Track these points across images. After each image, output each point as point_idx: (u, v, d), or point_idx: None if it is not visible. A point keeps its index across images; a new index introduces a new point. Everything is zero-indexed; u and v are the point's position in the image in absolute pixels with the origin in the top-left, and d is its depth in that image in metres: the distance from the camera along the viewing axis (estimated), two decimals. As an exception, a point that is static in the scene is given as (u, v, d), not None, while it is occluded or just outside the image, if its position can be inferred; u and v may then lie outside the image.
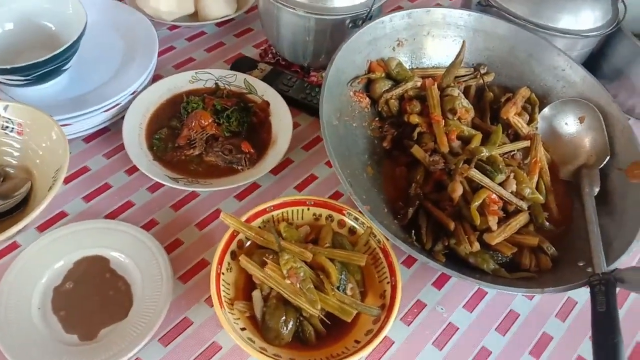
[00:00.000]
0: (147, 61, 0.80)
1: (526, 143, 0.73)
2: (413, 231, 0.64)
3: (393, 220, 0.66)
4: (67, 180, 0.73)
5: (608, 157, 0.73)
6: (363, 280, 0.61)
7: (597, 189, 0.70)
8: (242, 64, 0.88)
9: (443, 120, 0.72)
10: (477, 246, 0.63)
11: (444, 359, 0.61)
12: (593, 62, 0.89)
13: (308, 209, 0.65)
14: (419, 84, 0.76)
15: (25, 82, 0.73)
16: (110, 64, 0.81)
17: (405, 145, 0.74)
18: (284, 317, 0.56)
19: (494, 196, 0.66)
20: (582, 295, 0.68)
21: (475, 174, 0.66)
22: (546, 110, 0.78)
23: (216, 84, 0.82)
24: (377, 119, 0.77)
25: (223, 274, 0.58)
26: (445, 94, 0.75)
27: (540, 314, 0.67)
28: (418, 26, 0.79)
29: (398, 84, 0.76)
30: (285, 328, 0.56)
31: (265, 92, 0.81)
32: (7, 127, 0.69)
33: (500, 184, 0.67)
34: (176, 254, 0.67)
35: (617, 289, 0.57)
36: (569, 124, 0.78)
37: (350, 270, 0.60)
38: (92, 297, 0.62)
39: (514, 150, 0.73)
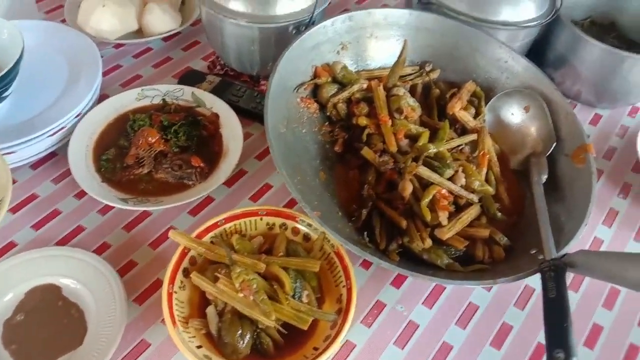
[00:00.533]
0: (92, 81, 0.79)
1: (473, 136, 0.74)
2: (365, 232, 0.64)
3: (347, 223, 0.66)
4: (14, 210, 0.72)
5: (554, 144, 0.74)
6: (320, 287, 0.61)
7: (545, 176, 0.72)
8: (190, 78, 0.88)
9: (390, 120, 0.72)
10: (429, 242, 0.63)
11: (405, 358, 0.62)
12: (538, 51, 0.91)
13: (261, 219, 0.65)
14: (364, 86, 0.77)
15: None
16: (53, 87, 0.79)
17: (356, 148, 0.74)
18: (240, 331, 0.55)
19: (444, 191, 0.67)
20: (539, 282, 0.68)
21: (424, 171, 0.66)
22: (492, 102, 0.79)
23: (163, 99, 0.82)
24: (326, 123, 0.77)
25: (176, 292, 0.58)
26: (392, 94, 0.75)
27: (499, 304, 0.67)
28: (360, 29, 0.80)
29: (344, 88, 0.76)
30: (242, 342, 0.55)
31: (214, 104, 0.81)
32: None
33: (450, 179, 0.68)
34: (130, 275, 0.66)
35: (570, 274, 0.57)
36: (515, 114, 0.79)
37: (306, 277, 0.60)
38: (45, 327, 0.60)
39: (461, 145, 0.74)
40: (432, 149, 0.69)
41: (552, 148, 0.74)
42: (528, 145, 0.77)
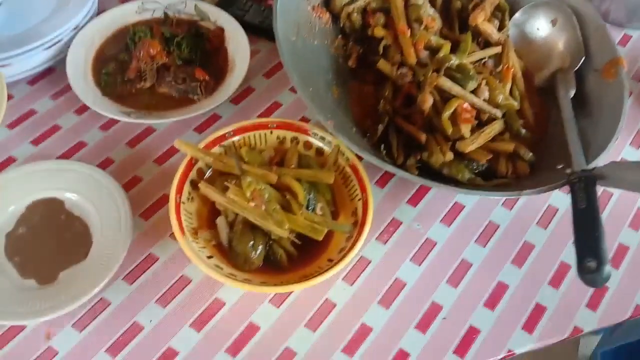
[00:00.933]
0: (88, -7, 0.74)
1: (497, 49, 0.69)
2: (382, 145, 0.60)
3: (362, 139, 0.63)
4: (12, 125, 0.68)
5: (583, 58, 0.70)
6: (334, 200, 0.58)
7: (573, 91, 0.67)
8: (193, -8, 0.82)
9: (409, 31, 0.67)
10: (450, 155, 0.60)
11: (422, 274, 0.59)
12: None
13: (271, 132, 0.61)
14: (379, -8, 0.71)
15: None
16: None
17: (371, 62, 0.70)
18: (252, 242, 0.53)
19: (466, 105, 0.62)
20: (562, 200, 0.66)
21: (445, 83, 0.62)
22: (517, 15, 0.74)
23: (165, 13, 0.77)
24: (339, 36, 0.72)
25: (183, 203, 0.55)
26: (410, 3, 0.70)
27: (521, 223, 0.64)
28: None
29: (361, -3, 0.71)
30: (254, 252, 0.53)
31: (219, 17, 0.76)
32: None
33: (472, 92, 0.64)
34: (135, 191, 0.63)
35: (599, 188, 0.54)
36: (541, 28, 0.74)
37: (319, 190, 0.57)
38: (48, 241, 0.58)
39: (484, 58, 0.69)
40: (454, 61, 0.64)
41: (580, 62, 0.70)
42: (554, 60, 0.72)
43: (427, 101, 0.62)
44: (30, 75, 0.71)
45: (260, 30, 0.78)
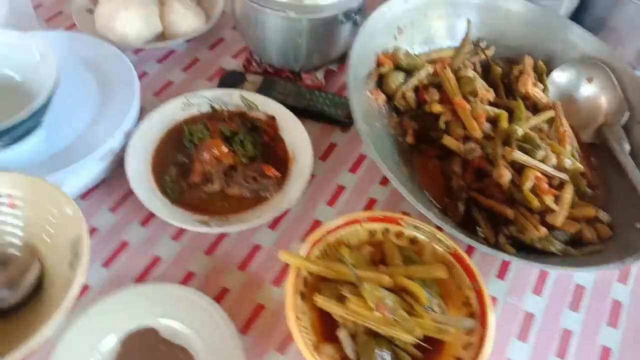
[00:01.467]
0: (129, 94, 0.71)
1: (551, 113, 0.72)
2: (479, 228, 0.61)
3: (447, 219, 0.63)
4: (75, 247, 0.64)
5: (628, 113, 0.73)
6: (440, 292, 0.58)
7: (628, 146, 0.70)
8: (229, 80, 0.81)
9: (468, 105, 0.69)
10: (544, 230, 0.61)
11: (531, 351, 0.59)
12: (575, 18, 0.89)
13: (362, 227, 0.60)
14: (431, 70, 0.73)
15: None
16: (86, 106, 0.70)
17: (431, 137, 0.71)
18: (379, 352, 0.51)
19: (538, 174, 0.64)
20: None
21: (519, 156, 0.64)
22: (553, 75, 0.77)
23: (212, 106, 0.75)
24: (393, 114, 0.73)
25: (299, 319, 0.53)
26: (460, 76, 0.72)
27: (603, 282, 0.66)
28: (415, 10, 0.76)
29: (410, 75, 0.72)
30: (383, 363, 0.51)
31: (267, 105, 0.75)
32: (-5, 202, 0.59)
33: (541, 160, 0.66)
34: (226, 303, 0.60)
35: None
36: (579, 86, 0.78)
37: (427, 285, 0.56)
38: (152, 377, 0.54)
39: (539, 123, 0.72)
40: (519, 131, 0.66)
41: (626, 117, 0.73)
42: (598, 117, 0.75)
43: (505, 175, 0.64)
44: (83, 190, 0.67)
45: (304, 112, 0.77)
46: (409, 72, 0.73)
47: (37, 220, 0.58)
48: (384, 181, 0.73)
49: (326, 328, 0.55)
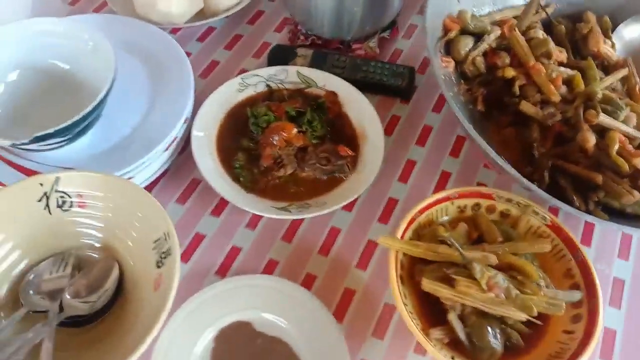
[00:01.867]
0: (184, 78, 0.67)
1: (624, 71, 0.69)
2: (576, 198, 0.59)
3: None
4: (149, 243, 0.61)
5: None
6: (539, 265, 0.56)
7: None
8: (278, 55, 0.77)
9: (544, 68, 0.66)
10: (638, 194, 0.59)
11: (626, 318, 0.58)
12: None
13: (452, 203, 0.58)
14: (499, 33, 0.69)
15: (60, 143, 0.59)
16: (140, 95, 0.67)
17: (502, 104, 0.68)
18: (492, 332, 0.50)
19: (621, 136, 0.62)
20: None
21: (605, 118, 0.61)
22: (622, 30, 0.74)
23: (268, 85, 0.71)
24: (461, 81, 0.70)
25: (406, 305, 0.51)
26: (530, 38, 0.69)
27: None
28: (475, -31, 0.72)
29: (479, 39, 0.69)
30: (496, 343, 0.50)
31: (327, 81, 0.71)
32: (64, 202, 0.56)
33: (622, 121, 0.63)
34: (314, 290, 0.58)
35: None
36: (646, 39, 0.74)
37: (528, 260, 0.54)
38: (253, 372, 0.53)
39: (613, 82, 0.69)
40: (599, 92, 0.63)
41: (701, 70, 0.70)
42: (668, 70, 0.73)
43: (590, 140, 0.61)
44: (148, 182, 0.64)
45: (363, 84, 0.74)
46: (476, 35, 0.69)
47: (116, 221, 0.56)
48: (455, 153, 0.71)
49: (429, 312, 0.53)
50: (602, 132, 0.62)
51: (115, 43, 0.68)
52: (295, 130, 0.64)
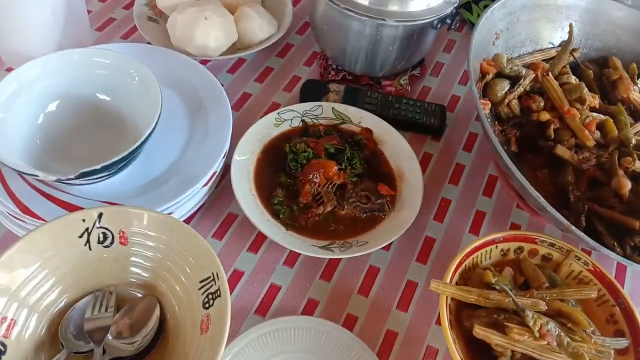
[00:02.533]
0: (223, 111, 0.67)
1: (655, 118, 0.71)
2: (614, 243, 0.60)
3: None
4: (186, 280, 0.60)
5: None
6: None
7: None
8: (311, 89, 0.77)
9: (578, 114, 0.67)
10: (677, 240, 0.60)
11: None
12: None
13: (496, 247, 0.58)
14: (533, 77, 0.71)
15: (102, 178, 0.58)
16: (178, 128, 0.67)
17: (536, 146, 0.69)
18: (542, 379, 0.50)
19: (649, 172, 0.63)
20: None
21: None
22: (646, 76, 0.76)
23: (303, 120, 0.71)
24: (495, 122, 0.71)
25: (457, 350, 0.51)
26: (562, 82, 0.70)
27: None
28: (510, 14, 0.73)
29: (515, 82, 0.70)
30: (547, 391, 0.50)
31: (362, 117, 0.72)
32: (106, 237, 0.55)
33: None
34: (356, 333, 0.58)
35: None
36: (672, 86, 0.76)
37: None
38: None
39: (641, 128, 0.71)
40: (632, 138, 0.65)
41: None
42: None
43: (626, 185, 0.62)
44: (185, 217, 0.63)
45: (394, 121, 0.74)
46: (511, 78, 0.70)
47: (160, 258, 0.55)
48: (488, 192, 0.71)
49: (474, 355, 0.53)
50: (635, 177, 0.64)
51: (154, 75, 0.68)
52: (336, 167, 0.64)
